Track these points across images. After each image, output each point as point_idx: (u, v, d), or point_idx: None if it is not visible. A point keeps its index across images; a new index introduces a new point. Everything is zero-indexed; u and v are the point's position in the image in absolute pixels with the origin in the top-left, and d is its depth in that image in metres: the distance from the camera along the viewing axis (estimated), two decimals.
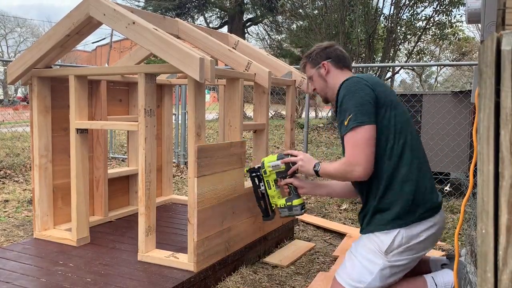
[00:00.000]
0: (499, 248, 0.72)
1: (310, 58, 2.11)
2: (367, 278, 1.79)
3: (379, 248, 1.80)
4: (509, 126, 0.71)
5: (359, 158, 1.78)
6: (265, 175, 2.16)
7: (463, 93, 4.26)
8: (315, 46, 2.14)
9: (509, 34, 0.72)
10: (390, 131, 1.83)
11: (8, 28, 37.10)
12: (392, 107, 1.85)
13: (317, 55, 2.09)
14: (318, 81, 2.10)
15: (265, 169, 2.14)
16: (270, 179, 2.16)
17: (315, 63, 2.09)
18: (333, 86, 2.03)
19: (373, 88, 1.84)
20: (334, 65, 2.06)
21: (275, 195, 2.18)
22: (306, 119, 5.09)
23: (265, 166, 2.14)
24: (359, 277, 1.81)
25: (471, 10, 2.01)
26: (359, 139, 1.78)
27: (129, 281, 2.02)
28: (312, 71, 2.11)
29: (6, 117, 9.48)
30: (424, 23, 12.12)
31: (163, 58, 2.03)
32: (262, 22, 21.09)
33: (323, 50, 2.09)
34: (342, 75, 2.02)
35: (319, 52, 2.09)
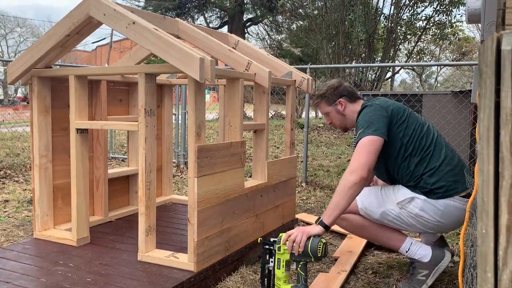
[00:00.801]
0: (499, 248, 0.72)
1: (326, 97, 2.43)
2: (374, 209, 2.21)
3: (396, 198, 2.18)
4: (509, 126, 0.71)
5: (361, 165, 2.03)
6: (278, 251, 1.93)
7: (463, 93, 4.26)
8: (326, 87, 2.46)
9: (509, 34, 0.72)
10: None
11: (8, 28, 37.11)
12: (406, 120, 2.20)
13: (332, 94, 2.41)
14: (336, 116, 2.43)
15: (280, 246, 1.92)
16: (282, 258, 1.93)
17: (331, 101, 2.42)
18: (351, 117, 2.38)
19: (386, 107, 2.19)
20: (348, 100, 2.40)
21: (282, 278, 1.95)
22: (306, 119, 5.09)
23: (281, 243, 1.92)
24: (370, 205, 2.22)
25: (471, 10, 2.01)
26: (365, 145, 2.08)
27: (129, 281, 2.02)
28: (328, 108, 2.44)
29: (6, 117, 9.48)
30: (424, 23, 12.12)
31: (163, 58, 2.03)
32: (262, 22, 21.09)
33: (336, 89, 2.41)
34: (356, 106, 2.37)
35: (333, 92, 2.40)
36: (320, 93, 2.46)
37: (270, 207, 2.79)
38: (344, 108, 2.39)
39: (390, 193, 2.23)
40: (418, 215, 2.14)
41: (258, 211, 2.65)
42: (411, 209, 2.15)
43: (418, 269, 2.19)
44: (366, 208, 2.24)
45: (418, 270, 2.19)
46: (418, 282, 2.17)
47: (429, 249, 2.21)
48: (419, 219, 2.15)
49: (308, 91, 2.99)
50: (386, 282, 2.36)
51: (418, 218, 2.15)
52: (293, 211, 3.13)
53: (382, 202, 2.21)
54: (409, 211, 2.15)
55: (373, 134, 2.09)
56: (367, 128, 2.11)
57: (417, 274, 2.19)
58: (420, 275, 2.17)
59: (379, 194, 2.25)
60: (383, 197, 2.23)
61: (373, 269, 2.55)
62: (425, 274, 2.17)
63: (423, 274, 2.17)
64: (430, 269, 2.17)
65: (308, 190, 4.63)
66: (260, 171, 2.72)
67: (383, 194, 2.24)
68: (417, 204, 2.14)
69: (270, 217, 2.79)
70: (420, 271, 2.18)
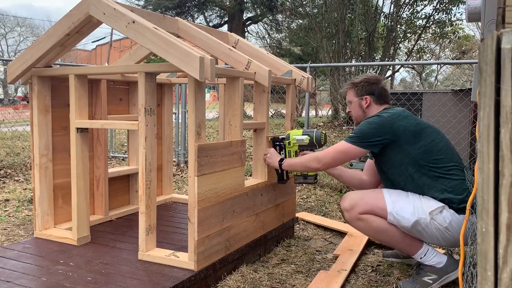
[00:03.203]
0: (499, 246, 0.72)
1: (356, 87, 2.43)
2: (407, 216, 2.11)
3: (428, 207, 2.10)
4: (509, 124, 0.71)
5: (324, 161, 2.29)
6: (288, 145, 2.56)
7: (463, 91, 4.26)
8: (363, 77, 2.45)
9: (509, 32, 0.72)
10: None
11: (8, 27, 37.09)
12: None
13: (363, 87, 2.40)
14: (357, 109, 2.44)
15: (289, 141, 2.54)
16: (292, 150, 2.56)
17: (359, 93, 2.41)
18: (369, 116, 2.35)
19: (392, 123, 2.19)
20: (375, 101, 2.39)
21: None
22: (306, 117, 5.09)
23: (290, 138, 2.54)
24: (402, 211, 2.12)
25: (471, 8, 2.01)
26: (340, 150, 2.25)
27: (129, 280, 2.03)
28: (354, 98, 2.44)
29: (6, 116, 9.48)
30: (424, 22, 12.11)
31: (163, 57, 2.03)
32: (262, 21, 21.08)
33: (370, 84, 2.40)
34: (379, 109, 2.37)
35: (366, 86, 2.40)
36: (354, 81, 2.46)
37: (270, 206, 2.79)
38: (368, 106, 2.38)
39: (421, 201, 2.13)
40: (447, 229, 2.06)
41: (258, 210, 2.65)
42: (441, 221, 2.06)
43: (426, 272, 2.16)
44: (397, 213, 2.11)
45: (426, 273, 2.16)
46: (423, 283, 2.14)
47: (444, 257, 2.17)
48: (445, 233, 2.07)
49: (308, 90, 2.99)
50: (386, 281, 2.37)
51: (445, 231, 2.07)
52: (294, 210, 3.13)
53: (416, 210, 2.10)
54: (438, 223, 2.07)
55: (353, 144, 2.23)
56: (354, 137, 2.24)
57: (424, 276, 2.16)
58: (427, 278, 2.14)
59: (410, 200, 2.15)
60: (414, 204, 2.12)
61: (373, 267, 2.55)
62: (433, 278, 2.13)
63: (431, 277, 2.14)
64: (439, 275, 2.13)
65: (308, 189, 4.63)
66: (260, 170, 2.73)
67: (415, 201, 2.13)
68: (447, 217, 2.06)
69: (270, 216, 2.80)
70: (429, 274, 2.15)
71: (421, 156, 2.15)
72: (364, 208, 2.17)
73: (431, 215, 2.07)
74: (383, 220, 2.16)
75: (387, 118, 2.21)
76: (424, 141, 2.17)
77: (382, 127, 2.19)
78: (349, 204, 2.22)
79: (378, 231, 2.19)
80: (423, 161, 2.15)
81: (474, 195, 1.49)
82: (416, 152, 2.16)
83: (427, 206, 2.09)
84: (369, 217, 2.17)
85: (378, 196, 2.20)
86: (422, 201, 2.13)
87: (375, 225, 2.17)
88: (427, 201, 2.12)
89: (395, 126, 2.18)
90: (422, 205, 2.11)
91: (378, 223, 2.16)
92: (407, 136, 2.17)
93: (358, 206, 2.19)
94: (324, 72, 15.13)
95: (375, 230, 2.19)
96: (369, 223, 2.18)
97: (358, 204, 2.19)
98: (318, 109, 16.89)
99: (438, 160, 2.15)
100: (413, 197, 2.16)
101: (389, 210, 2.13)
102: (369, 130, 2.21)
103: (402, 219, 2.11)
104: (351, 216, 2.22)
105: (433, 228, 2.08)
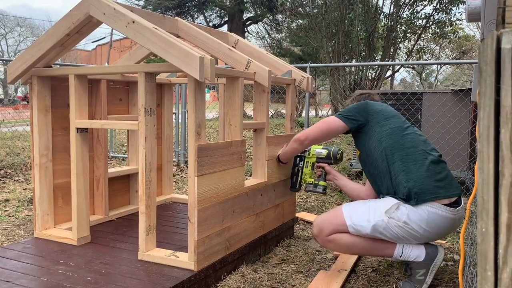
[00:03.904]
0: (499, 246, 0.72)
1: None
2: (363, 224, 2.16)
3: (384, 207, 2.14)
4: (509, 124, 0.71)
5: (308, 130, 2.45)
6: (308, 156, 2.75)
7: (463, 91, 4.25)
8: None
9: (509, 32, 0.72)
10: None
11: (8, 28, 37.09)
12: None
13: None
14: None
15: (310, 152, 2.75)
16: (310, 161, 2.75)
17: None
18: None
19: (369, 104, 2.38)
20: None
21: (308, 174, 2.75)
22: (306, 117, 5.09)
23: (311, 150, 2.75)
24: (358, 220, 2.17)
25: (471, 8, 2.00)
26: (324, 120, 2.42)
27: (129, 280, 2.03)
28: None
29: (6, 116, 9.48)
30: (424, 22, 12.11)
31: (163, 57, 2.03)
32: (262, 21, 21.07)
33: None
34: None
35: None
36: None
37: (270, 206, 2.79)
38: None
39: (377, 204, 2.18)
40: (406, 224, 2.08)
41: (258, 210, 2.65)
42: (399, 218, 2.08)
43: (415, 269, 2.19)
44: (355, 224, 2.17)
45: (415, 271, 2.18)
46: (418, 282, 2.17)
47: (422, 248, 2.19)
48: (407, 228, 2.09)
49: (308, 90, 2.99)
50: (386, 281, 2.37)
51: (405, 227, 2.09)
52: (293, 210, 3.13)
53: (372, 214, 2.14)
54: (396, 220, 2.09)
55: (337, 116, 2.37)
56: (340, 112, 2.41)
57: (416, 275, 2.18)
58: (419, 275, 2.17)
59: (366, 206, 2.20)
60: (370, 209, 2.17)
61: (373, 267, 2.55)
62: (423, 273, 2.16)
63: (421, 273, 2.16)
64: (426, 267, 2.16)
65: None
66: (260, 170, 2.73)
67: (371, 206, 2.19)
68: (403, 212, 2.08)
69: (270, 216, 2.80)
70: (418, 271, 2.17)
71: (387, 141, 2.24)
72: (328, 229, 2.23)
73: (388, 214, 2.10)
74: (348, 235, 2.21)
75: (367, 102, 2.42)
76: (392, 124, 2.29)
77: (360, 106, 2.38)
78: (316, 229, 2.29)
79: (348, 246, 2.24)
80: (390, 147, 2.22)
81: (474, 195, 1.49)
82: (382, 134, 2.26)
83: (383, 207, 2.13)
84: (336, 236, 2.23)
85: (337, 213, 2.25)
86: (379, 203, 2.17)
87: (343, 242, 2.22)
88: (383, 202, 2.16)
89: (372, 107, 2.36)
90: (378, 207, 2.14)
91: (345, 240, 2.22)
92: (378, 118, 2.30)
93: (324, 229, 2.25)
94: (324, 72, 15.13)
95: (346, 247, 2.25)
96: (337, 242, 2.24)
97: (323, 227, 2.25)
98: (318, 109, 16.88)
99: (406, 148, 2.21)
100: (370, 203, 2.21)
101: (348, 224, 2.19)
102: (351, 107, 2.41)
103: (360, 228, 2.15)
104: (322, 240, 2.29)
105: (393, 227, 2.10)
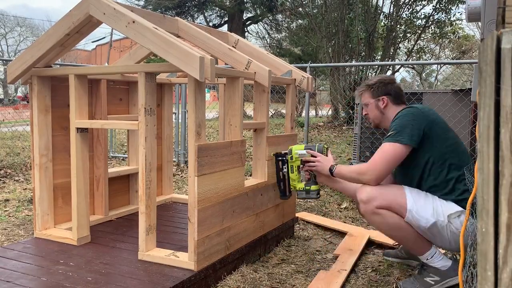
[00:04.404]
0: (499, 246, 0.72)
1: (372, 88, 2.37)
2: (426, 216, 2.05)
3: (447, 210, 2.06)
4: (509, 124, 0.71)
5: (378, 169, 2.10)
6: (291, 160, 2.51)
7: (463, 91, 4.25)
8: (378, 78, 2.40)
9: (509, 32, 0.72)
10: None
11: (8, 27, 37.08)
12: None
13: (379, 88, 2.35)
14: (374, 111, 2.37)
15: (292, 155, 2.50)
16: (294, 165, 2.51)
17: (375, 94, 2.36)
18: (388, 118, 2.32)
19: (426, 113, 2.14)
20: (392, 101, 2.33)
21: (296, 179, 2.52)
22: (306, 117, 5.09)
23: (292, 153, 2.50)
24: (421, 210, 2.06)
25: (471, 8, 2.00)
26: (388, 153, 2.10)
27: (129, 280, 2.03)
28: (370, 100, 2.38)
29: (6, 116, 9.48)
30: (424, 22, 12.11)
31: (163, 57, 2.03)
32: (262, 21, 21.08)
33: (385, 85, 2.35)
34: (398, 109, 2.31)
35: (381, 86, 2.34)
36: (368, 83, 2.40)
37: (270, 206, 2.79)
38: (385, 106, 2.33)
39: (441, 203, 2.09)
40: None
41: (258, 210, 2.65)
42: (457, 226, 2.02)
43: (429, 272, 2.15)
44: (417, 212, 2.05)
45: (429, 273, 2.14)
46: (424, 284, 2.13)
47: (449, 261, 2.16)
48: (459, 238, 2.01)
49: (308, 90, 2.99)
50: (386, 281, 2.37)
51: (459, 236, 2.00)
52: (293, 210, 3.13)
53: (435, 211, 2.06)
54: (455, 227, 2.03)
55: (400, 142, 2.08)
56: (396, 134, 2.11)
57: (426, 276, 2.14)
58: (430, 278, 2.13)
59: (430, 200, 2.10)
60: (434, 205, 2.07)
61: (373, 267, 2.55)
62: (436, 280, 2.12)
63: (433, 279, 2.12)
64: (442, 278, 2.12)
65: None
66: (260, 170, 2.73)
67: (434, 203, 2.08)
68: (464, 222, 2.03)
69: (270, 216, 2.80)
70: (432, 275, 2.13)
71: (450, 154, 2.11)
72: (382, 202, 2.10)
73: (449, 218, 2.04)
74: (399, 217, 2.10)
75: (420, 109, 2.16)
76: (452, 139, 2.14)
77: (417, 117, 2.12)
78: (367, 196, 2.13)
79: (393, 228, 2.13)
80: (451, 160, 2.11)
81: (474, 195, 1.49)
82: (445, 150, 2.11)
83: (447, 209, 2.06)
84: (386, 213, 2.10)
85: (399, 192, 2.12)
86: (441, 203, 2.09)
87: (391, 221, 2.11)
88: (446, 204, 2.08)
89: (430, 117, 2.13)
90: (442, 207, 2.07)
91: (394, 220, 2.10)
92: (438, 130, 2.12)
93: (376, 199, 2.10)
94: (324, 72, 15.13)
95: (390, 227, 2.13)
96: (385, 219, 2.11)
97: (376, 197, 2.10)
98: (318, 109, 16.88)
99: (461, 161, 2.13)
100: (432, 198, 2.12)
101: (409, 208, 2.06)
102: (408, 122, 2.11)
103: (421, 218, 2.05)
104: (367, 209, 2.14)
105: (448, 231, 2.05)
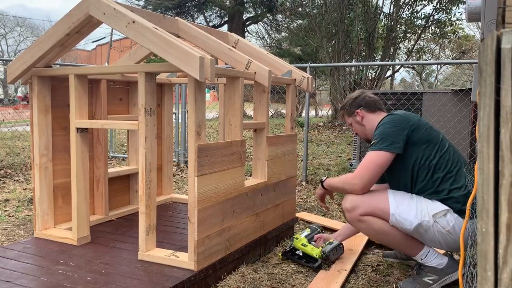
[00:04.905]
0: (499, 246, 0.72)
1: (345, 108, 2.47)
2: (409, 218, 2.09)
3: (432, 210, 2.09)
4: (509, 124, 0.71)
5: (363, 178, 2.14)
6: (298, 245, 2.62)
7: (463, 91, 4.25)
8: (347, 98, 2.50)
9: (509, 32, 0.72)
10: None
11: (8, 28, 37.08)
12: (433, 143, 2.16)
13: (350, 105, 2.43)
14: (356, 126, 2.45)
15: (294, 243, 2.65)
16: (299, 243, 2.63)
17: (350, 113, 2.44)
18: (371, 127, 2.37)
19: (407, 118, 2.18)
20: (366, 111, 2.39)
21: (314, 252, 2.56)
22: (306, 117, 5.09)
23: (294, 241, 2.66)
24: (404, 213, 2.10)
25: (471, 8, 2.00)
26: (372, 161, 2.13)
27: (129, 280, 2.03)
28: (349, 119, 2.47)
29: (6, 116, 9.48)
30: (424, 22, 12.11)
31: (163, 57, 2.03)
32: (262, 21, 21.09)
33: (354, 100, 2.43)
34: (377, 116, 2.36)
35: (351, 103, 2.43)
36: (342, 105, 2.50)
37: (270, 206, 2.79)
38: (363, 119, 2.38)
39: (426, 203, 2.11)
40: (449, 233, 2.05)
41: (258, 210, 2.65)
42: (444, 225, 2.05)
43: (427, 272, 2.16)
44: (400, 215, 2.10)
45: (427, 273, 2.15)
46: (423, 284, 2.14)
47: (445, 258, 2.17)
48: (447, 236, 2.06)
49: (308, 90, 2.99)
50: (386, 281, 2.37)
51: (447, 235, 2.05)
52: (294, 210, 3.13)
53: (419, 212, 2.08)
54: (441, 226, 2.05)
55: (383, 150, 2.13)
56: (380, 142, 2.15)
57: (424, 276, 2.15)
58: (428, 278, 2.14)
59: (414, 202, 2.12)
60: (418, 206, 2.10)
61: (373, 267, 2.55)
62: (434, 278, 2.13)
63: (431, 278, 2.13)
64: (440, 276, 2.13)
65: (308, 189, 4.63)
66: (260, 170, 2.73)
67: (418, 203, 2.11)
68: (450, 220, 2.04)
69: (270, 216, 2.80)
70: (429, 274, 2.14)
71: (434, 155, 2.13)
72: (365, 209, 2.16)
73: (434, 218, 2.05)
74: (384, 222, 2.14)
75: (401, 115, 2.20)
76: (436, 138, 2.16)
77: (399, 123, 2.16)
78: (351, 204, 2.20)
79: (380, 233, 2.18)
80: (435, 160, 2.12)
81: (474, 195, 1.49)
82: (429, 152, 2.13)
83: (431, 209, 2.07)
84: (370, 219, 2.16)
85: (382, 197, 2.17)
86: (427, 203, 2.11)
87: (377, 227, 2.16)
88: (431, 204, 2.10)
89: (411, 121, 2.17)
90: (426, 207, 2.09)
91: (380, 225, 2.15)
92: (420, 133, 2.15)
93: (360, 207, 2.17)
94: (324, 72, 15.13)
95: (376, 232, 2.19)
96: (370, 225, 2.17)
97: (359, 205, 2.17)
98: (318, 109, 16.89)
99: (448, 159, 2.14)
100: (417, 199, 2.14)
101: (392, 212, 2.11)
102: (390, 129, 2.15)
103: (404, 221, 2.09)
104: (352, 217, 2.21)
105: (435, 231, 2.07)
